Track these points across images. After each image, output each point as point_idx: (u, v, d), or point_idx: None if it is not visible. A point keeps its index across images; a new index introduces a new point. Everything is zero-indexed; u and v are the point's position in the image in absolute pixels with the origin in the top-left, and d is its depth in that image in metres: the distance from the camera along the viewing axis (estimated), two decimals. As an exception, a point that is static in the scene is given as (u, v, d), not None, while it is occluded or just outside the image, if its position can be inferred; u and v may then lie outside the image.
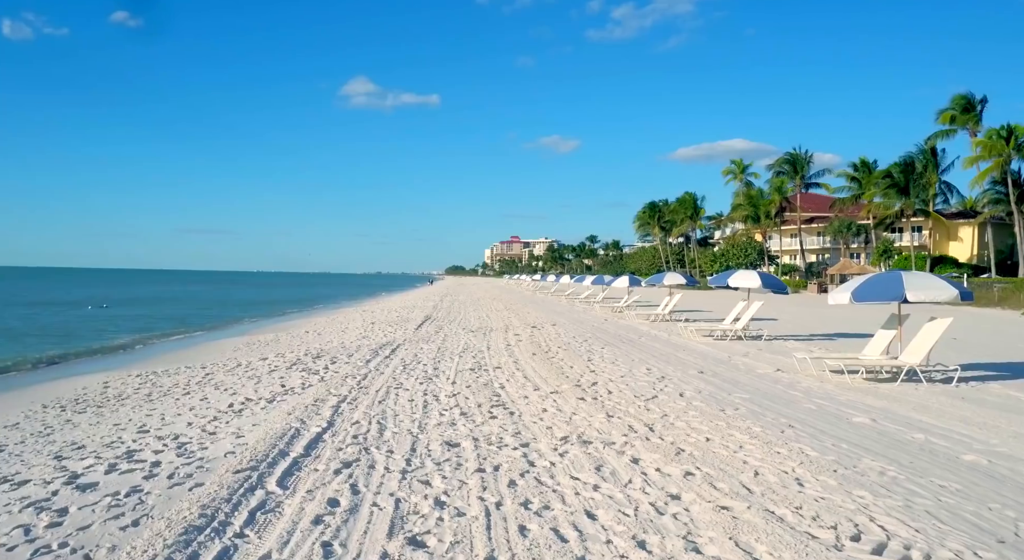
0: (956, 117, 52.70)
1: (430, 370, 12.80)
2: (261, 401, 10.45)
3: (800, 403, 9.08)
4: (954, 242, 71.69)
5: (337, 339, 21.42)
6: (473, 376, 11.93)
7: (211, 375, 14.24)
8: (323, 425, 8.07)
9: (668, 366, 12.88)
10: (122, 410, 10.83)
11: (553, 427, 7.79)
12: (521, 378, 11.61)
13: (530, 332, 20.68)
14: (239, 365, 15.50)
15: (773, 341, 17.55)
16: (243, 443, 7.31)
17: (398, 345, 17.72)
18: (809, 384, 10.72)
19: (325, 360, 15.01)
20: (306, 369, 13.74)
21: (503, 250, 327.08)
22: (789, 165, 75.75)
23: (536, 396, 9.82)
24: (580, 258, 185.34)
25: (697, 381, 10.98)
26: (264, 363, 15.35)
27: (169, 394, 12.15)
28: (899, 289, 10.50)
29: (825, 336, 19.05)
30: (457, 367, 13.12)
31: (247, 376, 13.52)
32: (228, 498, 5.44)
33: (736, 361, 13.62)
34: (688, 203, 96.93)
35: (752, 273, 17.65)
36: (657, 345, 16.77)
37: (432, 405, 9.32)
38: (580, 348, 16.11)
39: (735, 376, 11.60)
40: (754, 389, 10.21)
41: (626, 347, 16.28)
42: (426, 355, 15.24)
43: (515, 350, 15.88)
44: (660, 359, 13.98)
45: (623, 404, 9.06)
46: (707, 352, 15.22)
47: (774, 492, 5.30)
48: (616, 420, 8.07)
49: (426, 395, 10.12)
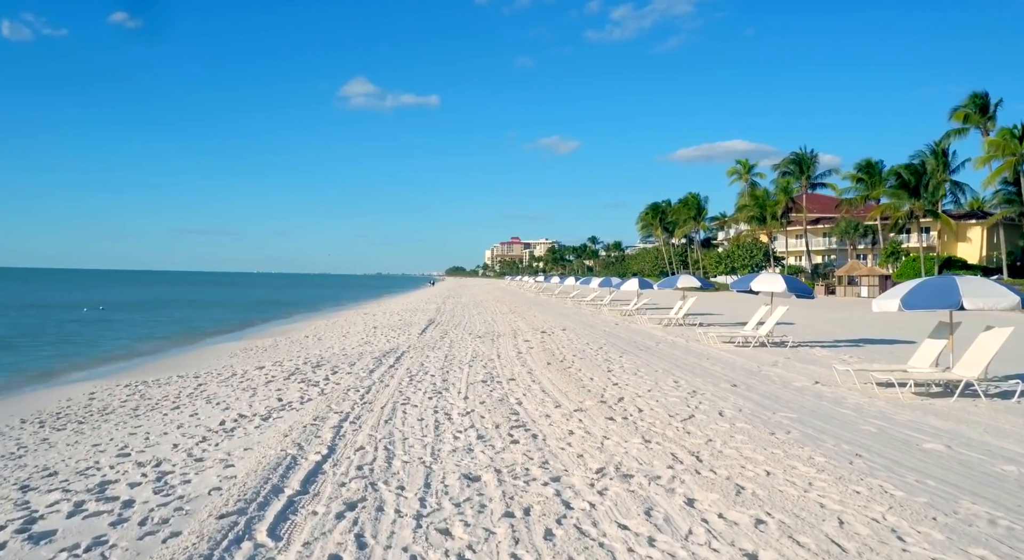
0: (970, 116, 51.72)
1: (439, 382, 11.85)
2: (255, 418, 9.53)
3: (856, 424, 8.13)
4: (962, 243, 70.76)
5: (338, 345, 20.49)
6: (486, 390, 10.99)
7: (203, 386, 13.31)
8: (323, 452, 7.12)
9: (696, 378, 11.93)
10: (105, 427, 9.91)
11: (585, 455, 6.84)
12: (539, 392, 10.67)
13: (540, 338, 19.73)
14: (234, 374, 14.57)
15: (798, 348, 16.60)
16: (231, 475, 6.37)
17: (402, 352, 16.78)
18: (856, 399, 9.77)
19: (325, 370, 14.07)
20: (305, 380, 12.81)
21: (503, 251, 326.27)
22: (795, 165, 74.83)
23: (559, 414, 8.87)
24: (581, 259, 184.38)
25: (733, 396, 10.03)
26: (261, 373, 14.41)
27: (157, 408, 11.22)
28: (954, 296, 9.56)
29: (851, 342, 18.10)
30: (468, 379, 12.18)
31: (242, 387, 12.59)
32: (208, 555, 4.50)
33: (767, 372, 12.67)
34: (692, 203, 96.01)
35: (776, 276, 16.70)
36: (677, 353, 15.82)
37: (444, 426, 8.38)
38: (597, 356, 15.16)
39: (772, 390, 10.65)
40: (799, 406, 9.26)
41: (645, 355, 15.33)
42: (433, 364, 14.30)
43: (528, 359, 14.94)
44: (685, 369, 13.03)
45: (658, 425, 8.12)
46: (733, 361, 14.27)
47: (873, 551, 4.35)
48: (655, 446, 7.12)
49: (437, 413, 9.17)
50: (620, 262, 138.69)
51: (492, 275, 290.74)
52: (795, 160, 74.89)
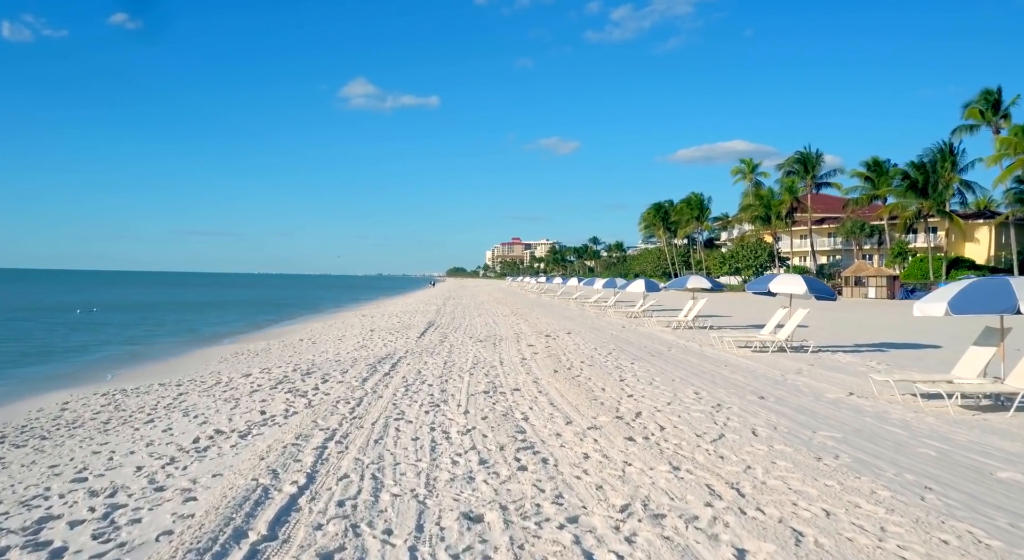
0: (983, 112, 50.70)
1: (436, 393, 10.87)
2: (233, 435, 8.57)
3: (911, 446, 7.14)
4: (970, 243, 69.78)
5: (332, 349, 19.53)
6: (488, 402, 10.00)
7: (184, 396, 12.35)
8: (300, 482, 6.14)
9: (718, 388, 10.94)
10: (68, 444, 8.95)
11: (605, 486, 5.86)
12: (547, 405, 9.68)
13: (545, 342, 18.74)
14: (218, 383, 13.60)
15: (819, 353, 15.61)
16: (189, 513, 5.39)
17: (399, 358, 15.80)
18: (901, 414, 8.78)
19: (316, 378, 13.10)
20: (293, 390, 11.83)
21: (504, 252, 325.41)
22: (799, 164, 73.85)
23: (571, 433, 7.89)
24: (583, 260, 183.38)
25: (763, 411, 9.04)
26: (247, 381, 13.44)
27: (130, 421, 10.27)
28: (1010, 299, 8.57)
29: (873, 347, 17.11)
30: (468, 389, 11.19)
31: (224, 398, 11.62)
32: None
33: (793, 381, 11.69)
34: (695, 203, 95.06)
35: (796, 277, 15.70)
36: (692, 359, 14.82)
37: (441, 446, 7.40)
38: (606, 363, 14.17)
39: (804, 403, 9.65)
40: (840, 423, 8.27)
41: (659, 362, 14.33)
42: (431, 372, 13.32)
43: (532, 366, 13.95)
44: (704, 378, 12.04)
45: (685, 447, 7.13)
46: (753, 368, 13.28)
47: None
48: (686, 475, 6.14)
49: (433, 430, 8.19)
50: (622, 263, 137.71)
51: (493, 276, 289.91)
52: (800, 159, 73.92)
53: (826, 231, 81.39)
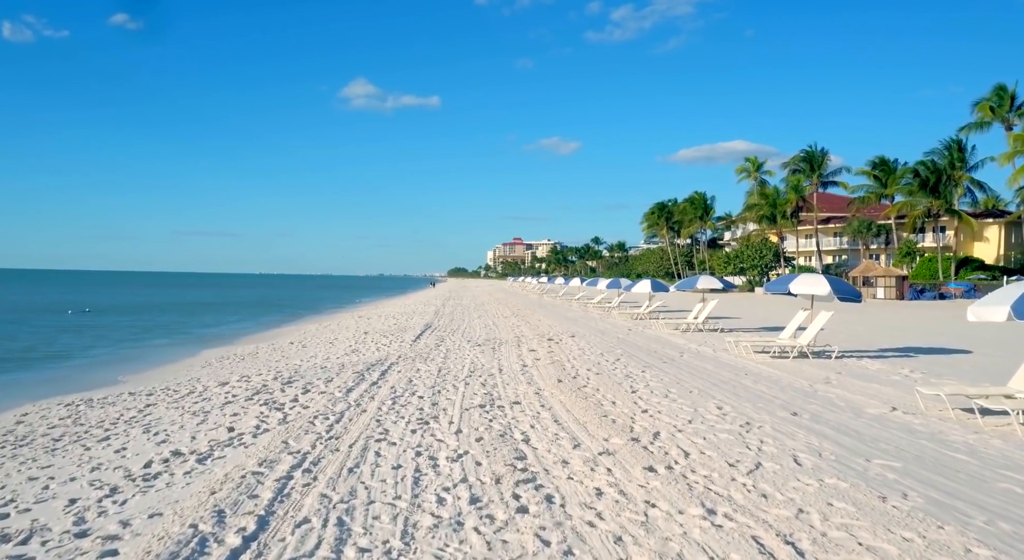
0: (995, 109, 49.47)
1: (427, 407, 9.70)
2: (191, 458, 7.43)
3: (988, 480, 5.97)
4: (979, 243, 68.60)
5: (322, 354, 18.39)
6: (484, 419, 8.84)
7: (151, 407, 11.21)
8: (249, 528, 4.98)
9: (742, 402, 9.76)
10: (8, 466, 7.86)
11: (624, 537, 4.70)
12: (550, 423, 8.52)
13: (548, 347, 17.58)
14: (192, 392, 12.46)
15: (843, 359, 14.44)
16: (97, 578, 4.24)
17: (390, 364, 14.65)
18: (960, 435, 7.60)
19: (296, 387, 11.94)
20: (269, 402, 10.69)
21: (505, 252, 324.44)
22: (805, 163, 72.55)
23: (579, 460, 6.73)
24: (584, 260, 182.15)
25: (800, 432, 7.87)
26: (222, 390, 12.29)
27: (84, 438, 9.14)
28: (1086, 302, 7.40)
29: (899, 352, 15.93)
30: (463, 402, 10.03)
31: (193, 411, 10.48)
32: None
33: (825, 392, 10.51)
34: (698, 203, 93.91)
35: (819, 278, 14.53)
36: (708, 366, 13.65)
37: (427, 478, 6.24)
38: (615, 371, 13.00)
39: (844, 421, 8.48)
40: (894, 448, 7.09)
41: (672, 370, 13.16)
42: (423, 381, 12.16)
43: (534, 374, 12.79)
44: (725, 390, 10.86)
45: (718, 481, 5.96)
46: (777, 377, 12.11)
47: None
48: (724, 521, 4.97)
49: (419, 456, 7.04)
50: (624, 263, 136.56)
51: (494, 276, 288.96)
52: (806, 158, 72.64)
53: (832, 230, 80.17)
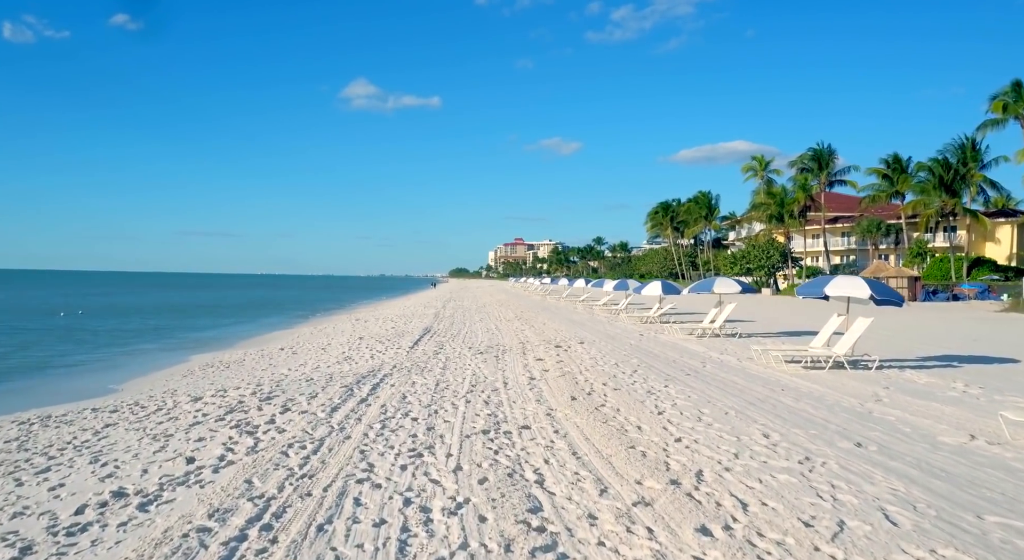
0: (1009, 105, 48.04)
1: (421, 433, 8.33)
2: (133, 501, 6.12)
3: None
4: (990, 243, 67.24)
5: (312, 361, 17.04)
6: (488, 450, 7.46)
7: (111, 428, 9.89)
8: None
9: (790, 427, 8.37)
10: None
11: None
12: (568, 456, 7.14)
13: (556, 355, 16.20)
14: (159, 409, 11.11)
15: (884, 369, 13.05)
16: None
17: (383, 376, 13.29)
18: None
19: (276, 405, 10.58)
20: (242, 423, 9.33)
21: (507, 252, 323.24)
22: (813, 162, 71.11)
23: (609, 514, 5.35)
24: (586, 260, 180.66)
25: (876, 472, 6.46)
26: (193, 408, 10.93)
27: (21, 469, 7.86)
28: None
29: (942, 361, 14.55)
30: (463, 426, 8.66)
31: (154, 434, 9.12)
32: None
33: (882, 414, 9.12)
34: (703, 202, 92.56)
35: (857, 280, 13.15)
36: (737, 379, 12.26)
37: (416, 541, 4.87)
38: (634, 385, 11.62)
39: (921, 454, 7.08)
40: (1002, 496, 5.69)
41: (698, 384, 11.77)
42: (418, 397, 10.78)
43: (543, 389, 11.40)
44: (763, 410, 9.47)
45: (799, 552, 4.58)
46: (819, 394, 10.71)
47: None
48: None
49: (408, 505, 5.67)
50: (627, 263, 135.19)
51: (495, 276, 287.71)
52: (813, 156, 71.22)
53: (839, 230, 78.78)
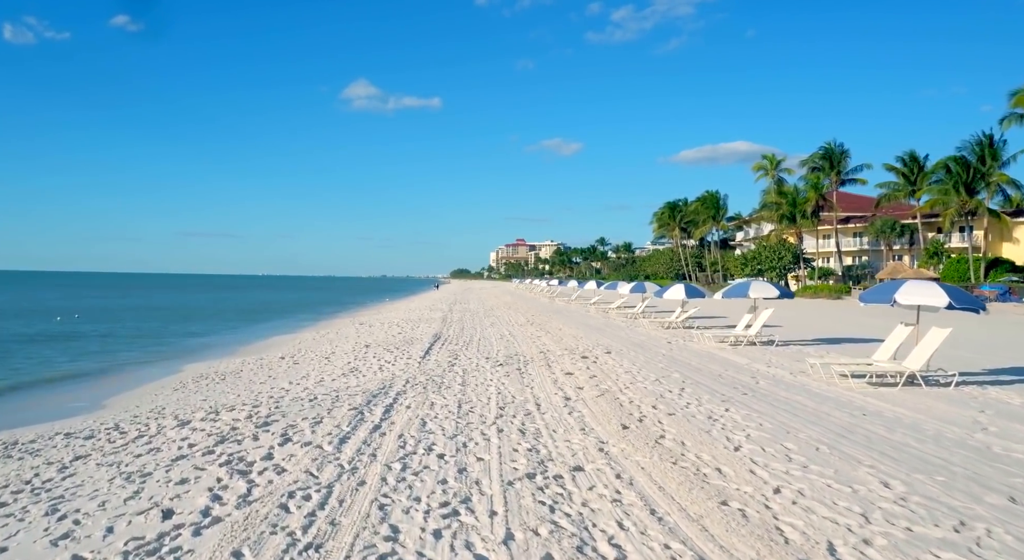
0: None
1: (451, 476, 6.78)
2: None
3: None
4: (1007, 243, 65.65)
5: (315, 374, 15.53)
6: (541, 506, 5.90)
7: (81, 461, 8.41)
8: None
9: (908, 472, 6.80)
10: None
11: None
12: (646, 518, 5.58)
13: (585, 367, 14.67)
14: (142, 434, 9.60)
15: (962, 387, 11.52)
16: None
17: (396, 394, 11.76)
18: None
19: (275, 433, 9.04)
20: (234, 458, 7.81)
21: (508, 253, 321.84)
22: (825, 161, 69.57)
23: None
24: (589, 261, 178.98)
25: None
26: (179, 434, 9.40)
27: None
28: None
29: (1015, 374, 13.02)
30: (500, 467, 7.10)
31: (130, 471, 7.60)
32: None
33: (1006, 450, 7.57)
34: (711, 203, 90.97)
35: (932, 285, 11.60)
36: (805, 400, 10.70)
37: None
38: (688, 408, 10.07)
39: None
40: None
41: (762, 406, 10.21)
42: (440, 424, 9.24)
43: (584, 413, 9.85)
44: (863, 446, 7.91)
45: None
46: (912, 421, 9.16)
47: None
48: None
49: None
50: (631, 264, 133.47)
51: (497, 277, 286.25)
52: (825, 155, 69.70)
53: (851, 230, 77.21)
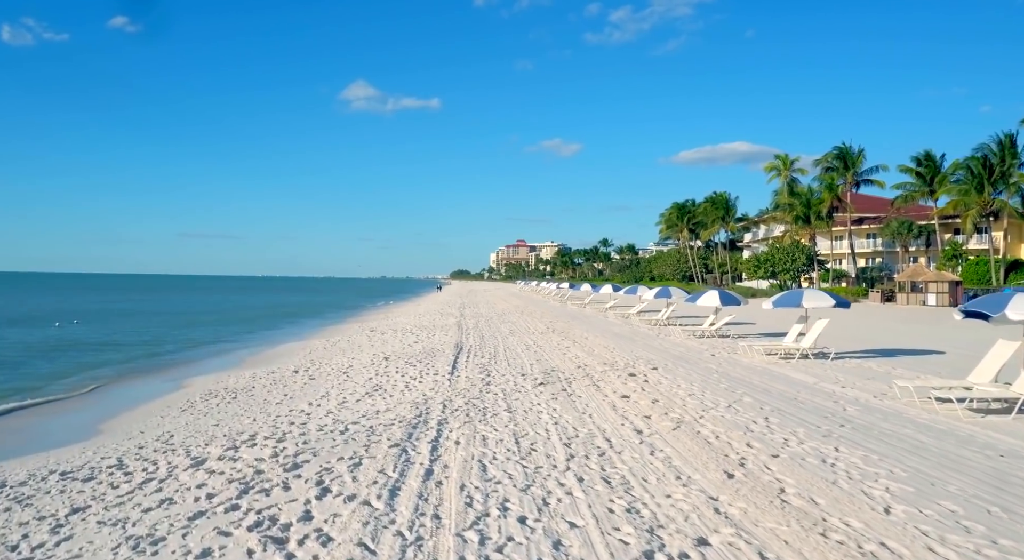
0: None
1: (546, 555, 5.33)
2: None
3: None
4: (1024, 245, 64.44)
5: (335, 392, 14.11)
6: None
7: (79, 514, 7.07)
8: None
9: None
10: None
11: None
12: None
13: (640, 389, 13.22)
14: (150, 476, 8.17)
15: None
16: None
17: (438, 423, 10.31)
18: None
19: (308, 476, 7.56)
20: (264, 518, 6.41)
21: (509, 254, 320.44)
22: (839, 161, 68.16)
23: None
24: (591, 262, 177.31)
25: None
26: (195, 479, 7.95)
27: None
28: None
29: None
30: (605, 541, 5.63)
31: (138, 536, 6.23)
32: None
33: None
34: (720, 203, 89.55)
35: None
36: (917, 434, 9.25)
37: None
38: (788, 445, 8.61)
39: None
40: None
41: (874, 444, 8.74)
42: (502, 468, 7.78)
43: (668, 453, 8.40)
44: (1013, 494, 6.50)
45: None
46: (1057, 462, 7.72)
47: None
48: None
49: None
50: (635, 265, 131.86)
51: (498, 278, 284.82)
52: (839, 155, 68.29)
53: (866, 232, 75.78)
